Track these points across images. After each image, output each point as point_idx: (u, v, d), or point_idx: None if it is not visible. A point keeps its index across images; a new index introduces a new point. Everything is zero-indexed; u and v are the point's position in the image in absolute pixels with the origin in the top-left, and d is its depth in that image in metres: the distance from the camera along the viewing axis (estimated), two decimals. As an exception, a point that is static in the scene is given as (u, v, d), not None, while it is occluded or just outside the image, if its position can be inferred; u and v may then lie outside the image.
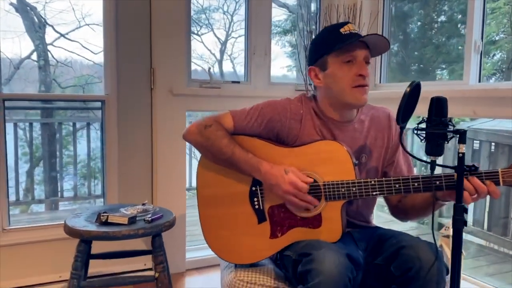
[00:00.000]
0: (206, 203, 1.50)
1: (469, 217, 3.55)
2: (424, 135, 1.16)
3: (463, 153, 1.12)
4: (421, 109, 1.22)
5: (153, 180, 2.55)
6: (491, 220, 3.59)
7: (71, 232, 1.48)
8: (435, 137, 1.14)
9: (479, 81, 2.37)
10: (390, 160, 1.49)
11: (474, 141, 3.95)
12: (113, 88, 2.42)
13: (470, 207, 3.03)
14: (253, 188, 1.44)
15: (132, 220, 1.52)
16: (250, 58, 2.86)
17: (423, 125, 1.17)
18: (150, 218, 1.56)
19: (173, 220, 1.62)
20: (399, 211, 1.49)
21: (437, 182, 1.25)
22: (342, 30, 1.37)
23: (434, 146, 1.15)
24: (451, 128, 1.13)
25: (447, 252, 2.35)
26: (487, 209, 3.59)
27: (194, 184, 4.97)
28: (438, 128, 1.14)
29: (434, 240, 1.20)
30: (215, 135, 1.42)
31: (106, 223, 1.51)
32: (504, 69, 3.77)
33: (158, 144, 2.51)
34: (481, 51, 2.37)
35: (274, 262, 1.53)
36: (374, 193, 1.32)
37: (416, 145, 3.92)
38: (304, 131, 1.45)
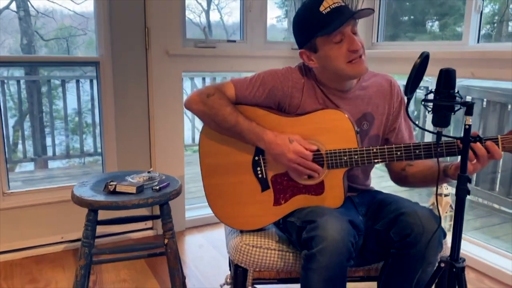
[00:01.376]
0: (209, 172, 1.51)
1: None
2: (431, 107, 1.17)
3: (470, 125, 1.14)
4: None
5: (150, 142, 2.55)
6: (478, 175, 3.70)
7: (80, 201, 1.50)
8: (442, 109, 1.15)
9: (478, 41, 2.36)
10: (392, 127, 1.51)
11: (467, 98, 3.99)
12: (107, 50, 2.36)
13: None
14: (256, 158, 1.45)
15: (140, 189, 1.54)
16: (246, 16, 2.79)
17: (431, 96, 1.17)
18: (158, 187, 1.57)
19: (180, 188, 1.64)
20: (401, 179, 1.52)
21: (438, 149, 1.27)
22: (321, 9, 1.32)
23: (441, 117, 1.16)
24: (458, 100, 1.14)
25: (440, 210, 2.44)
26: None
27: (190, 141, 5.03)
28: (446, 100, 1.14)
29: (438, 211, 1.24)
30: (219, 103, 1.41)
31: (114, 192, 1.52)
32: (495, 22, 3.74)
33: (154, 107, 2.49)
34: (481, 11, 2.34)
35: (276, 226, 1.57)
36: (376, 160, 1.35)
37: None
38: (306, 100, 1.45)
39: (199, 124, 5.63)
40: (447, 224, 2.40)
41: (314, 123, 1.41)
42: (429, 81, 3.45)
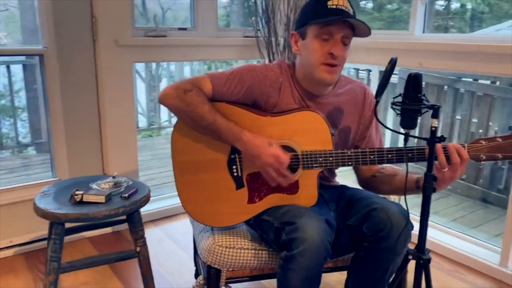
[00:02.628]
0: (182, 169, 1.49)
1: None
2: (399, 110, 1.22)
3: (436, 127, 1.21)
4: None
5: (102, 138, 2.44)
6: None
7: (45, 215, 1.40)
8: (410, 112, 1.21)
9: (423, 31, 2.47)
10: (362, 135, 1.56)
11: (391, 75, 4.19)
12: (51, 40, 2.20)
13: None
14: (232, 156, 1.45)
15: (109, 197, 1.47)
16: (197, 2, 2.71)
17: (399, 100, 1.22)
18: (127, 194, 1.51)
19: (149, 194, 1.59)
20: (370, 184, 1.57)
21: (409, 154, 1.33)
22: (329, 2, 1.34)
23: (409, 120, 1.22)
24: (425, 103, 1.20)
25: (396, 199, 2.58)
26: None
27: (143, 124, 4.85)
28: (414, 104, 1.20)
29: (406, 206, 1.31)
30: (197, 100, 1.38)
31: (81, 203, 1.45)
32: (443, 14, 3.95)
33: (105, 101, 2.37)
34: (427, 2, 2.45)
35: (246, 223, 1.59)
36: (350, 163, 1.39)
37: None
38: (283, 100, 1.45)
39: (152, 108, 5.50)
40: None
41: (291, 124, 1.42)
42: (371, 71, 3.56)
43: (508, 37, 2.07)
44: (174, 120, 1.49)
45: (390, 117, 3.04)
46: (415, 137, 1.29)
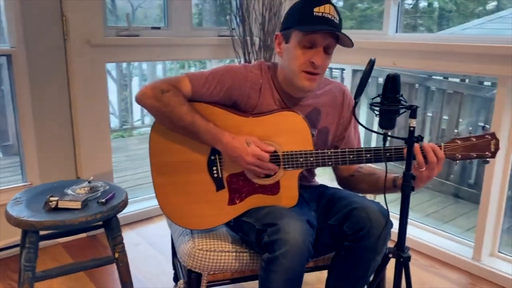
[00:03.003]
0: (160, 171, 1.46)
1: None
2: (378, 110, 1.23)
3: (414, 127, 1.22)
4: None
5: (74, 140, 2.38)
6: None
7: (18, 223, 1.34)
8: (389, 112, 1.22)
9: (397, 31, 2.51)
10: (341, 136, 1.57)
11: (378, 79, 4.26)
12: (20, 40, 2.12)
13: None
14: (212, 157, 1.43)
15: (85, 203, 1.43)
16: (170, 1, 2.67)
17: (378, 100, 1.23)
18: (104, 200, 1.47)
19: (126, 198, 1.55)
20: (348, 184, 1.58)
21: (387, 154, 1.35)
22: (316, 9, 1.31)
23: (387, 120, 1.23)
24: (403, 104, 1.21)
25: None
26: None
27: (115, 124, 4.73)
28: (393, 104, 1.21)
29: (386, 205, 1.32)
30: (174, 101, 1.35)
31: (56, 209, 1.39)
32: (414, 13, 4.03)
33: (77, 102, 2.31)
34: (399, 2, 2.49)
35: (226, 224, 1.57)
36: (330, 162, 1.40)
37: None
38: (263, 101, 1.45)
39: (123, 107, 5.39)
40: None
41: (271, 124, 1.41)
42: (344, 69, 3.60)
43: (477, 37, 2.13)
44: (147, 119, 1.46)
45: (364, 116, 3.08)
46: (393, 137, 1.31)
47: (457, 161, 1.36)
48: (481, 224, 2.15)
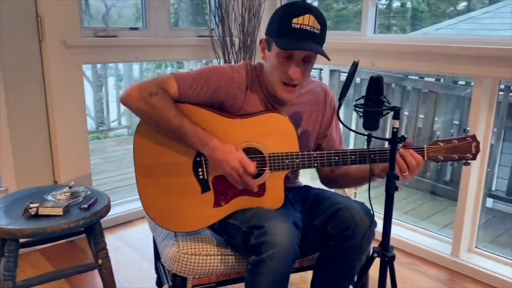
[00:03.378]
0: (145, 173, 1.44)
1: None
2: (362, 112, 1.25)
3: (397, 128, 1.24)
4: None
5: (51, 143, 2.32)
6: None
7: None
8: (372, 114, 1.24)
9: (375, 32, 2.54)
10: (324, 134, 1.58)
11: (357, 78, 4.31)
12: (-8, 41, 2.05)
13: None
14: (198, 159, 1.42)
15: (66, 209, 1.39)
16: (148, 1, 2.63)
17: (362, 102, 1.25)
18: (86, 205, 1.43)
19: (109, 203, 1.51)
20: (331, 181, 1.61)
21: (372, 155, 1.37)
22: (294, 21, 1.29)
23: (371, 121, 1.25)
24: (387, 105, 1.23)
25: (346, 191, 2.64)
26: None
27: (91, 126, 4.61)
28: (376, 106, 1.23)
29: (371, 205, 1.34)
30: (163, 104, 1.33)
31: (36, 216, 1.35)
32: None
33: (54, 104, 2.25)
34: (377, 3, 2.52)
35: (210, 227, 1.56)
36: (315, 164, 1.40)
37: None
38: (249, 102, 1.44)
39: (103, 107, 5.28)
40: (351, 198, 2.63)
41: (258, 126, 1.41)
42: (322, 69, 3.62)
43: (453, 38, 2.18)
44: (124, 120, 1.44)
45: (341, 116, 3.10)
46: (377, 138, 1.32)
47: (440, 163, 1.39)
48: (459, 221, 2.20)
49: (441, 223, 3.31)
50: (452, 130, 3.75)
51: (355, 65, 1.23)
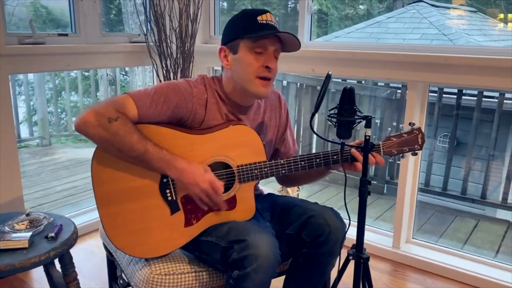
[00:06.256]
0: (106, 201, 1.35)
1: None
2: (335, 121, 1.29)
3: (369, 136, 1.31)
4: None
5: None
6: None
7: None
8: (346, 123, 1.29)
9: (310, 39, 2.64)
10: (282, 138, 1.61)
11: (283, 82, 4.44)
12: None
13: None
14: (164, 180, 1.36)
15: (31, 240, 1.24)
16: (77, 5, 2.46)
17: (335, 111, 1.30)
18: (53, 234, 1.30)
19: (76, 229, 1.39)
20: (289, 180, 1.64)
21: (334, 157, 1.42)
22: (259, 18, 1.36)
23: (345, 130, 1.30)
24: (359, 114, 1.29)
25: (290, 191, 2.70)
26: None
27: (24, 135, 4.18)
28: (350, 116, 1.28)
29: (346, 209, 1.39)
30: (124, 130, 1.26)
31: (-3, 250, 1.19)
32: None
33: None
34: (312, 11, 2.62)
35: (179, 246, 1.51)
36: (283, 171, 1.43)
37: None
38: (210, 116, 1.42)
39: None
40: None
41: (223, 139, 1.40)
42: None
43: (388, 45, 2.34)
44: (36, 132, 1.33)
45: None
46: (350, 146, 1.38)
47: (393, 156, 1.48)
48: (398, 215, 2.37)
49: (373, 216, 3.53)
50: (389, 129, 3.99)
51: (329, 77, 1.27)
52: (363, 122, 1.29)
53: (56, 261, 1.38)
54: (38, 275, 2.15)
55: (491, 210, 3.92)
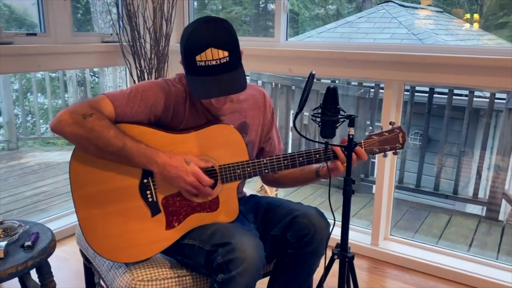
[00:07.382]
0: (85, 204, 1.30)
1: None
2: (319, 121, 1.29)
3: (353, 135, 1.31)
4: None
5: None
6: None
7: None
8: (330, 122, 1.29)
9: (286, 39, 2.63)
10: (267, 137, 1.59)
11: (258, 81, 4.43)
12: None
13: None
14: (145, 181, 1.32)
15: (7, 250, 1.18)
16: (46, 3, 2.37)
17: (318, 111, 1.29)
18: (30, 242, 1.23)
19: (53, 236, 1.33)
20: (273, 181, 1.63)
21: (317, 156, 1.42)
22: (198, 58, 1.22)
23: (329, 130, 1.30)
24: (343, 114, 1.29)
25: (269, 192, 2.70)
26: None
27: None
28: (333, 115, 1.28)
29: (331, 209, 1.39)
30: (100, 125, 1.22)
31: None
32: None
33: None
34: (288, 11, 2.61)
35: (159, 250, 1.47)
36: (266, 170, 1.41)
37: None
38: (190, 115, 1.39)
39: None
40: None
41: (205, 139, 1.37)
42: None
43: (365, 45, 2.36)
44: (3, 136, 1.28)
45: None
46: (334, 145, 1.37)
47: (375, 155, 1.49)
48: (377, 213, 2.40)
49: (349, 214, 3.55)
50: (370, 128, 4.05)
51: (312, 76, 1.26)
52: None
53: (33, 271, 1.32)
54: (11, 285, 2.05)
55: (462, 205, 4.04)
